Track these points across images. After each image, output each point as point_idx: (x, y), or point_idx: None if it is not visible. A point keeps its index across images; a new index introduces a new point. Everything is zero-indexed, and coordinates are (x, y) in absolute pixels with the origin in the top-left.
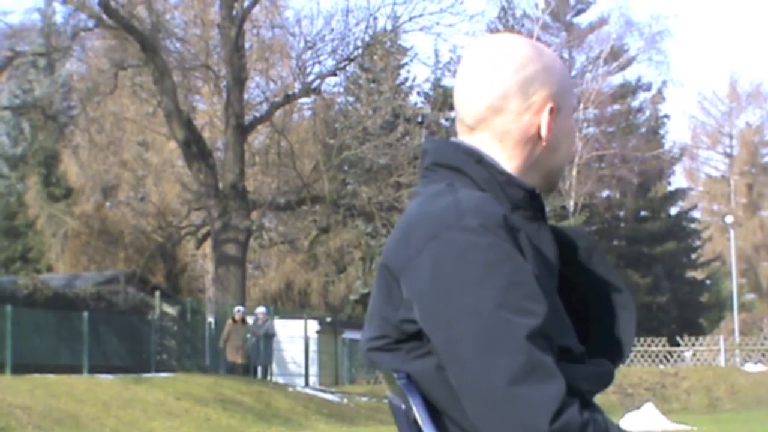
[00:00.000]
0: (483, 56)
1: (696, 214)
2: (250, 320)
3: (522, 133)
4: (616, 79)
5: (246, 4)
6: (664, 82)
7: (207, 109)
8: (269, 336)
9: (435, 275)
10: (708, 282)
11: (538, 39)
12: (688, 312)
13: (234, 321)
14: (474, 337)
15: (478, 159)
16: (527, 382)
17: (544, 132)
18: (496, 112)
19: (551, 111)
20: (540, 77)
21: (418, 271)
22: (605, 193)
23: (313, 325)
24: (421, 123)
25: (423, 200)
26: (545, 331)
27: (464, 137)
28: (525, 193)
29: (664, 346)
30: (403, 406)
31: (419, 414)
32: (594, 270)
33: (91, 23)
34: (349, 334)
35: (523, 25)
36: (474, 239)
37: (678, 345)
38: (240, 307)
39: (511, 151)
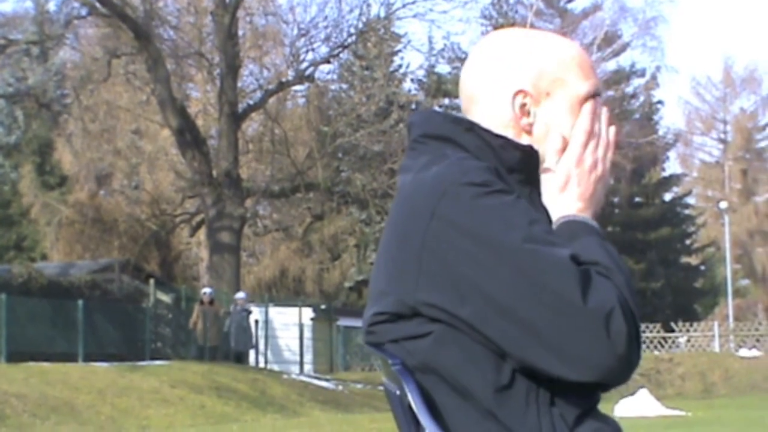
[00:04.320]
0: (472, 51)
1: (690, 199)
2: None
3: (498, 119)
4: (610, 65)
5: None
6: (658, 68)
7: (200, 97)
8: (246, 317)
9: (457, 228)
10: (702, 268)
11: (532, 25)
12: (682, 298)
13: (202, 303)
14: (522, 273)
15: (468, 127)
16: (591, 293)
17: (523, 121)
18: (471, 101)
19: (525, 98)
20: (516, 65)
21: (438, 232)
22: None
23: (308, 313)
24: (414, 110)
25: (417, 171)
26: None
27: None
28: (522, 153)
29: (658, 332)
30: (398, 392)
31: (413, 399)
32: None
33: (84, 11)
34: (343, 322)
35: (516, 12)
36: (482, 189)
37: (672, 331)
38: (207, 289)
39: None
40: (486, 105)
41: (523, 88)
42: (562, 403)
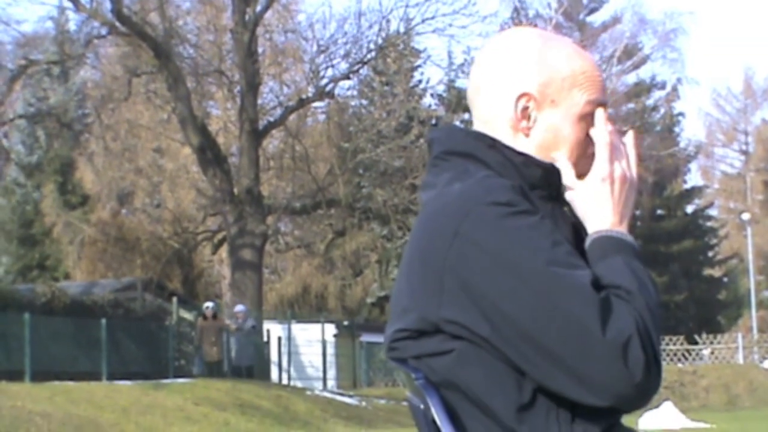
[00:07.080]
0: (488, 42)
1: (712, 211)
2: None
3: (498, 116)
4: (630, 78)
5: (258, 8)
6: (678, 80)
7: (221, 115)
8: (251, 332)
9: (481, 248)
10: (725, 279)
11: None
12: (705, 310)
13: (205, 318)
14: (542, 297)
15: (490, 143)
16: (610, 321)
17: (522, 124)
18: (477, 92)
19: (529, 101)
20: (526, 67)
21: (461, 252)
22: None
23: (331, 329)
24: (435, 125)
25: (440, 189)
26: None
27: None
28: (543, 171)
29: (682, 344)
30: (422, 406)
31: (437, 413)
32: None
33: (104, 30)
34: (366, 337)
35: (536, 25)
36: (506, 210)
37: (696, 343)
38: (209, 303)
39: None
40: (489, 99)
41: (529, 91)
42: (583, 421)
